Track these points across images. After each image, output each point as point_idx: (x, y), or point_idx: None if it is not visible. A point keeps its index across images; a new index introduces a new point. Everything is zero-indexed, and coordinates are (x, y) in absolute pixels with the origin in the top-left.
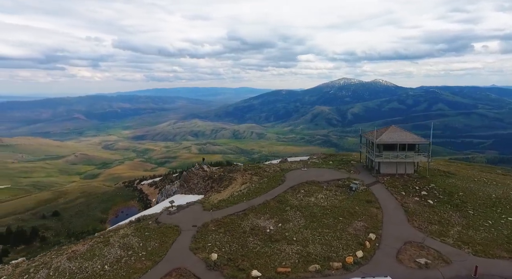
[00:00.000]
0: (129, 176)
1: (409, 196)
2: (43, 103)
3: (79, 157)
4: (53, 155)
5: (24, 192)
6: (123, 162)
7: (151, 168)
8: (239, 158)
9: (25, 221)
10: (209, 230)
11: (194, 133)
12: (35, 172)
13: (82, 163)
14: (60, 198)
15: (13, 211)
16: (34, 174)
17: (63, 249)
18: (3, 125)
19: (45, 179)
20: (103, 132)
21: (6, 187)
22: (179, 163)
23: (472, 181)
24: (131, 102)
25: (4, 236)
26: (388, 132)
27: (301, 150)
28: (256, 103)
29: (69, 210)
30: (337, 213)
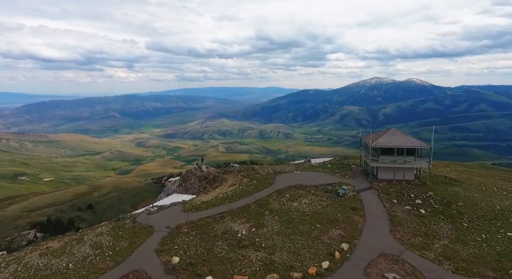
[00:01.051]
0: (159, 173)
1: (400, 205)
2: (83, 102)
3: (114, 153)
4: (92, 151)
5: (65, 185)
6: (154, 159)
7: (180, 166)
8: (265, 158)
9: (63, 212)
10: (181, 232)
11: (221, 132)
12: (75, 167)
13: (117, 159)
14: (94, 192)
15: (53, 202)
16: (74, 169)
17: (41, 244)
18: (49, 122)
19: (84, 173)
20: (136, 130)
21: (51, 180)
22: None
23: (479, 190)
24: (162, 102)
25: (45, 225)
26: (387, 135)
27: (328, 151)
28: (283, 103)
29: (102, 204)
30: (316, 219)
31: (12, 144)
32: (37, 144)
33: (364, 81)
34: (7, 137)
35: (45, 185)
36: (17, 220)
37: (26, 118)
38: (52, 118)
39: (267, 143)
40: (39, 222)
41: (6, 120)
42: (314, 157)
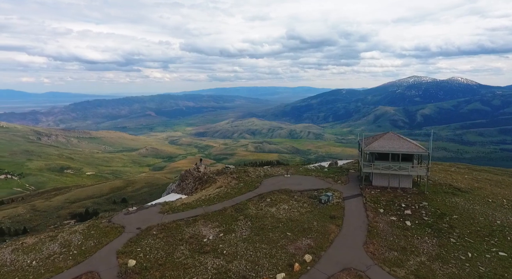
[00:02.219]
0: (218, 168)
1: (385, 215)
2: (122, 101)
3: (149, 150)
4: (129, 147)
5: (104, 179)
6: (186, 157)
7: (210, 164)
8: (294, 158)
9: (100, 205)
10: (149, 234)
11: (251, 132)
12: (113, 162)
13: (152, 156)
14: (128, 187)
15: (92, 195)
16: (113, 164)
17: (18, 240)
18: (92, 120)
19: (121, 168)
20: (170, 128)
21: (92, 174)
22: (236, 160)
23: (484, 202)
24: (195, 101)
25: (83, 216)
26: (383, 139)
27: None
28: (314, 102)
29: (135, 198)
30: (288, 227)
31: (60, 140)
32: (81, 140)
33: (401, 80)
34: (56, 133)
35: (87, 178)
36: (60, 210)
37: (73, 116)
38: (95, 116)
39: (297, 143)
40: (78, 213)
41: (56, 117)
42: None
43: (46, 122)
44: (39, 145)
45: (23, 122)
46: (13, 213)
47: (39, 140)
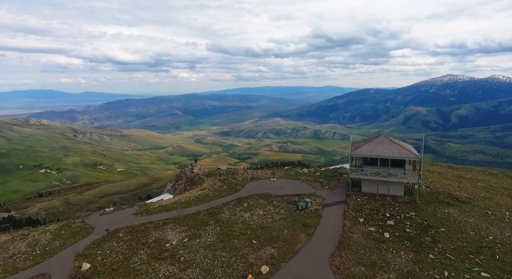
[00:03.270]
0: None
1: (365, 225)
2: (151, 101)
3: (176, 148)
4: (156, 145)
5: (133, 176)
6: (211, 155)
7: (233, 163)
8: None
9: (126, 200)
10: (115, 236)
11: (275, 131)
12: (142, 159)
13: (178, 154)
14: (154, 183)
15: (119, 191)
16: (141, 161)
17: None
18: (122, 119)
19: (149, 165)
20: (195, 127)
21: (122, 170)
22: (260, 160)
23: (482, 214)
24: (220, 101)
25: None
26: (373, 143)
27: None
28: (340, 102)
29: (159, 195)
30: (257, 234)
31: (94, 137)
32: (113, 137)
33: (435, 79)
34: (91, 130)
35: (117, 174)
36: (90, 204)
37: (106, 115)
38: (126, 115)
39: (322, 143)
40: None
41: (91, 116)
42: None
43: (82, 120)
44: (75, 142)
45: (61, 120)
46: (48, 206)
47: (75, 137)
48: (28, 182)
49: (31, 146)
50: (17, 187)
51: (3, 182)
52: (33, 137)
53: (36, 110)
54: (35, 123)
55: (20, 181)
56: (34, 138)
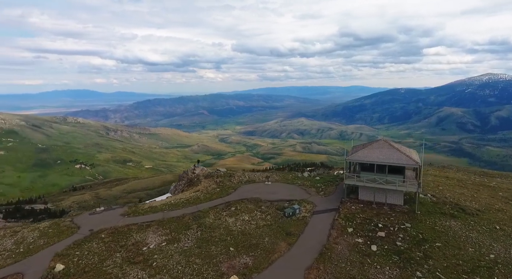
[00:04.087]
0: (237, 168)
1: (353, 235)
2: (178, 101)
3: (201, 147)
4: (182, 144)
5: (160, 172)
6: (235, 155)
7: (257, 162)
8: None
9: (152, 196)
10: (97, 237)
11: (299, 132)
12: (168, 157)
13: (202, 153)
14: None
15: (146, 187)
16: (168, 158)
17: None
18: (151, 118)
19: (175, 163)
20: (220, 127)
21: (149, 167)
22: (283, 160)
23: (488, 228)
24: (245, 100)
25: None
26: (370, 147)
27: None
28: (368, 102)
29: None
30: (236, 241)
31: (124, 135)
32: (142, 136)
33: (472, 79)
34: (122, 128)
35: (145, 171)
36: (118, 199)
37: (135, 113)
38: (154, 114)
39: (348, 145)
40: (133, 203)
41: (122, 114)
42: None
43: (114, 119)
44: (107, 139)
45: (95, 119)
46: (80, 199)
47: (107, 135)
48: (65, 176)
49: (68, 143)
50: (55, 181)
51: (43, 175)
52: (70, 134)
53: (73, 108)
54: (72, 121)
55: (58, 175)
56: (70, 135)
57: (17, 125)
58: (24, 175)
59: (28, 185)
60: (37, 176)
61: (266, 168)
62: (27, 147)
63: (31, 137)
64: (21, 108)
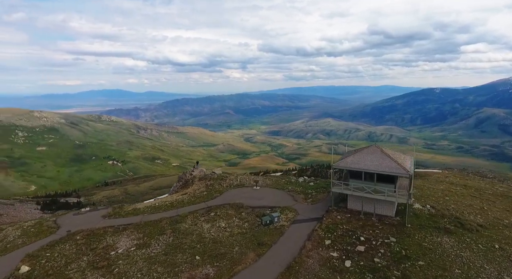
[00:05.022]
0: (262, 167)
1: (329, 249)
2: (205, 100)
3: (226, 146)
4: (208, 143)
5: (186, 170)
6: (259, 154)
7: (282, 162)
8: None
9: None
10: (72, 238)
11: (326, 132)
12: (194, 155)
13: (228, 152)
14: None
15: (170, 184)
16: (194, 157)
17: None
18: (178, 117)
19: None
20: (245, 126)
21: (176, 165)
22: (308, 161)
23: (485, 248)
24: (270, 100)
25: None
26: (360, 153)
27: (454, 161)
28: (399, 103)
29: None
30: (205, 249)
31: (154, 133)
32: (170, 134)
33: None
34: (151, 127)
35: (172, 168)
36: (144, 195)
37: (164, 113)
38: (182, 113)
39: None
40: None
41: (152, 113)
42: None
43: (144, 118)
44: (138, 137)
45: (127, 117)
46: (110, 194)
47: (138, 133)
48: (99, 171)
49: (102, 140)
50: (90, 176)
51: (80, 170)
52: (104, 132)
53: (108, 107)
54: (106, 120)
55: (93, 170)
56: (104, 133)
57: (57, 122)
58: (62, 169)
59: (66, 179)
60: (74, 170)
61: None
62: (66, 144)
63: (69, 134)
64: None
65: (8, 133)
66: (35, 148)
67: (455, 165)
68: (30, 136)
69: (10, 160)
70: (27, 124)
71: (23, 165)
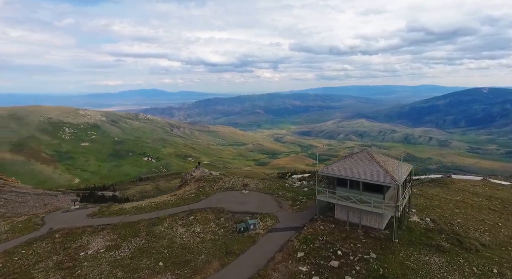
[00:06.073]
0: (290, 168)
1: (300, 262)
2: (236, 100)
3: (255, 145)
4: (238, 142)
5: (215, 168)
6: (289, 155)
7: (311, 163)
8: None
9: None
10: (51, 237)
11: (359, 134)
12: (224, 154)
13: (257, 151)
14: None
15: None
16: (224, 155)
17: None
18: (210, 116)
19: (230, 160)
20: (275, 126)
21: (207, 163)
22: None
23: (480, 271)
24: (301, 100)
25: None
26: (350, 159)
27: (502, 167)
28: (441, 103)
29: None
30: (171, 255)
31: (186, 132)
32: (201, 133)
33: None
34: (184, 126)
35: (203, 166)
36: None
37: (196, 112)
38: (213, 113)
39: (413, 149)
40: None
41: (185, 112)
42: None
43: (178, 116)
44: (171, 135)
45: (162, 116)
46: (143, 189)
47: (171, 131)
48: (135, 167)
49: (138, 137)
50: (127, 171)
51: (118, 165)
52: (140, 130)
53: (144, 106)
54: (142, 118)
55: (130, 166)
56: (141, 131)
57: (99, 120)
58: (103, 164)
59: (106, 173)
60: (113, 165)
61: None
62: (106, 140)
63: (109, 131)
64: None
65: (57, 130)
66: (80, 143)
67: (503, 171)
68: (76, 132)
69: (58, 154)
70: (73, 121)
71: (69, 159)
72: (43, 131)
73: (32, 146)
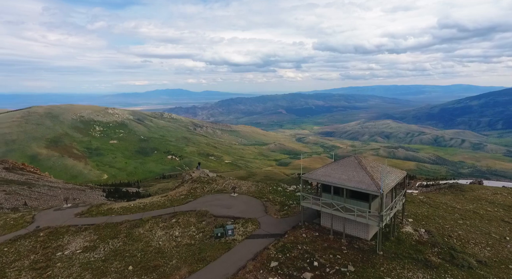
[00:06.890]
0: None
1: (271, 272)
2: (258, 99)
3: (277, 145)
4: (260, 142)
5: (237, 168)
6: (311, 155)
7: None
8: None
9: None
10: (35, 235)
11: (384, 135)
12: (246, 153)
13: (279, 151)
14: (249, 177)
15: None
16: (245, 155)
17: None
18: (233, 115)
19: (251, 160)
20: (298, 126)
21: (229, 162)
22: None
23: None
24: (325, 100)
25: None
26: (336, 164)
27: None
28: (475, 104)
29: None
30: (142, 259)
31: (209, 131)
32: (224, 132)
33: None
34: (207, 125)
35: (225, 165)
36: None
37: (219, 111)
38: (236, 112)
39: (444, 152)
40: None
41: (208, 112)
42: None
43: (201, 116)
44: (194, 134)
45: (185, 115)
46: (165, 187)
47: (194, 130)
48: (159, 165)
49: (163, 135)
50: (152, 168)
51: (143, 162)
52: (165, 128)
53: (169, 105)
54: (167, 117)
55: (154, 164)
56: (165, 129)
57: (127, 118)
58: (129, 161)
59: (132, 170)
60: (139, 163)
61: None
62: (132, 138)
63: (136, 129)
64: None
65: (88, 128)
66: (108, 141)
67: None
68: (105, 130)
69: (88, 151)
70: (102, 119)
71: (98, 156)
72: (76, 129)
73: (65, 142)
